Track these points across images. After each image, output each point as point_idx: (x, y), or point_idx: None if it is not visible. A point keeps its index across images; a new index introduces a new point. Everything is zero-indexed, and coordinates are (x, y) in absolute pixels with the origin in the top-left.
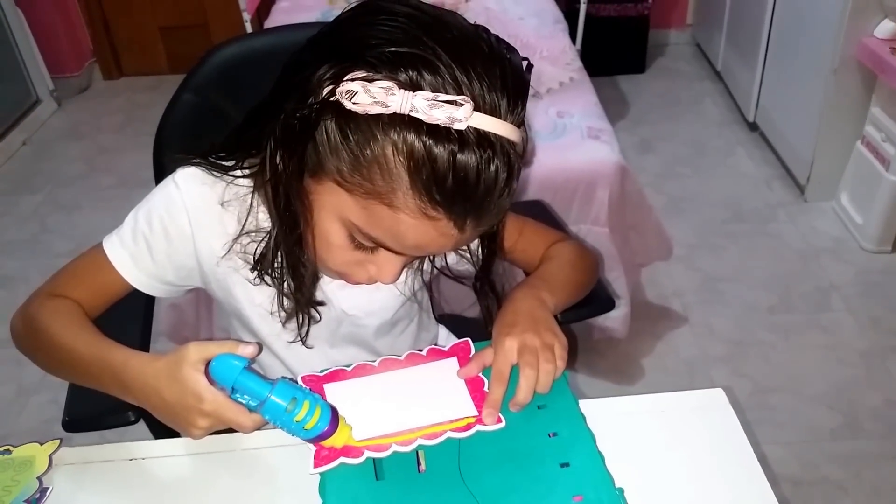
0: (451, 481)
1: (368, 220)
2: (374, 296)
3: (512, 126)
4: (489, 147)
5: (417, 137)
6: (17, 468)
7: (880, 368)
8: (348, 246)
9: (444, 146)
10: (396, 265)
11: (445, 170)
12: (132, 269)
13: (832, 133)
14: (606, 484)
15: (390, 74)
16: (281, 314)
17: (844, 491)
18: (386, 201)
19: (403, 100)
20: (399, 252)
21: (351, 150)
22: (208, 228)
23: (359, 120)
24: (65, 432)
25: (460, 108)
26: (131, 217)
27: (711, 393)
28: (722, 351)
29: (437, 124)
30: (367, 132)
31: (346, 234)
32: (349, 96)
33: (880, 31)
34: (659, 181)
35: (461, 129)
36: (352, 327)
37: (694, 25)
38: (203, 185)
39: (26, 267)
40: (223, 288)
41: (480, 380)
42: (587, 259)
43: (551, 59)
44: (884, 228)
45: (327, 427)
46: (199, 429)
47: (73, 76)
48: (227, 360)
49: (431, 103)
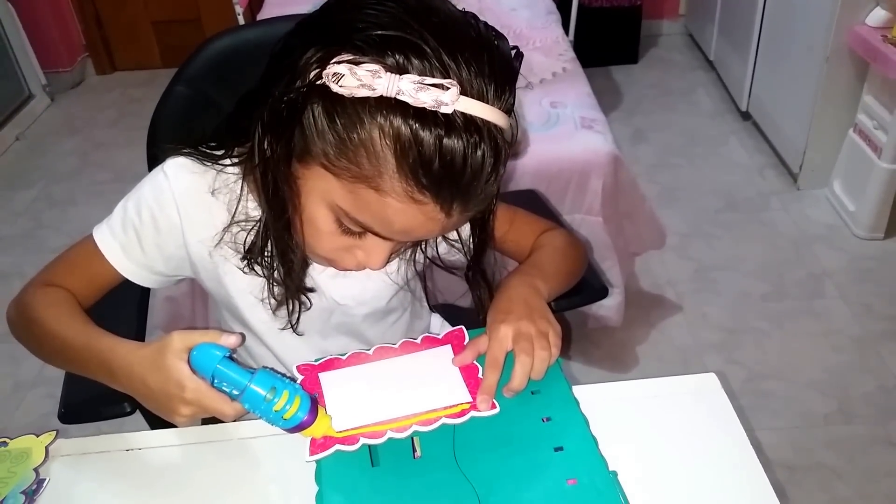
0: (447, 466)
1: (355, 205)
2: (365, 285)
3: (499, 112)
4: (476, 131)
5: (404, 121)
6: (14, 460)
7: (873, 354)
8: (336, 231)
9: (431, 130)
10: (384, 251)
11: (432, 153)
12: (122, 259)
13: (824, 121)
14: (600, 467)
15: (377, 58)
16: (271, 301)
17: (838, 476)
18: (373, 185)
19: (390, 83)
20: (386, 237)
21: (337, 134)
22: (197, 218)
23: (345, 103)
24: (60, 423)
25: (447, 91)
26: (121, 207)
27: (704, 378)
28: (716, 338)
29: (423, 108)
30: (354, 115)
31: (334, 219)
32: (336, 79)
33: (872, 19)
34: (652, 171)
35: (448, 113)
36: (343, 317)
37: (686, 15)
38: (192, 174)
39: (20, 262)
40: (213, 277)
41: (475, 367)
42: (577, 248)
43: (544, 49)
44: (876, 215)
45: (306, 417)
46: (182, 416)
47: (66, 71)
48: (207, 350)
49: (418, 86)
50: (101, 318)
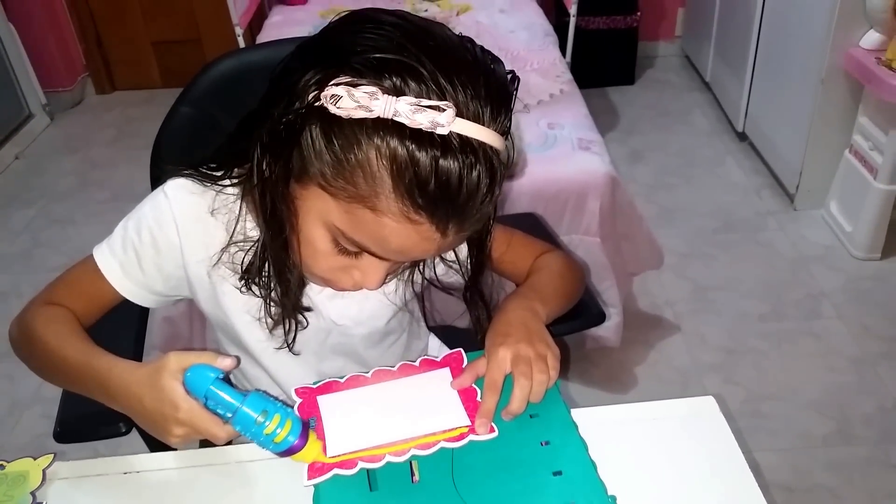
0: (445, 491)
1: (352, 225)
2: (363, 305)
3: (495, 133)
4: (472, 153)
5: (400, 142)
6: (11, 483)
7: (871, 375)
8: (333, 251)
9: (427, 151)
10: (381, 271)
11: (428, 174)
12: (121, 279)
13: (820, 142)
14: (599, 492)
15: (375, 80)
16: (268, 321)
17: (837, 497)
18: (369, 205)
19: (387, 104)
20: (383, 257)
21: (335, 154)
22: (196, 238)
23: (343, 124)
24: (57, 445)
25: (443, 112)
26: (121, 226)
27: (702, 400)
28: (714, 359)
29: (420, 129)
30: (351, 136)
31: (331, 239)
32: (333, 101)
33: (866, 41)
34: (649, 191)
35: (444, 134)
36: (341, 337)
37: (682, 37)
38: (192, 194)
39: (19, 282)
40: (210, 297)
41: (473, 390)
42: (575, 270)
43: (541, 71)
44: (873, 236)
45: (296, 441)
46: (176, 437)
47: (66, 90)
48: (201, 371)
49: (415, 108)
50: (99, 337)
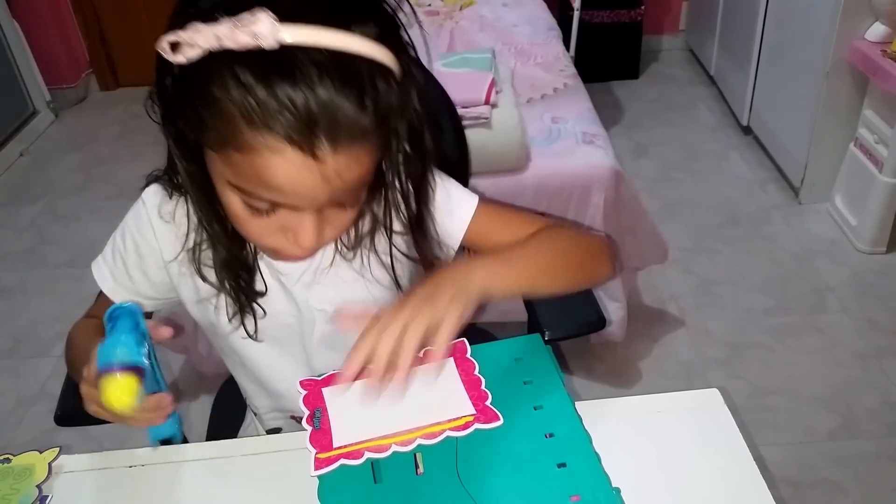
0: (449, 483)
1: (235, 173)
2: (340, 288)
3: (342, 33)
4: (311, 63)
5: (232, 69)
6: (17, 476)
7: (877, 369)
8: (248, 213)
9: (259, 69)
10: (306, 224)
11: (265, 95)
12: (113, 286)
13: (825, 135)
14: (603, 484)
15: (197, 21)
16: (228, 311)
17: (843, 492)
18: (235, 146)
19: (208, 34)
20: (283, 203)
21: (192, 107)
22: (170, 240)
23: (186, 74)
24: (63, 439)
25: (259, 22)
26: (112, 238)
27: (707, 393)
28: (719, 353)
29: (250, 50)
30: (195, 82)
31: (241, 200)
32: (169, 51)
33: (871, 33)
34: (654, 185)
35: (273, 48)
36: (326, 327)
37: (687, 31)
38: (164, 199)
39: (24, 278)
40: (192, 297)
41: (478, 379)
42: (581, 243)
43: (545, 65)
44: (878, 229)
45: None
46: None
47: (70, 87)
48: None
49: (233, 25)
50: None
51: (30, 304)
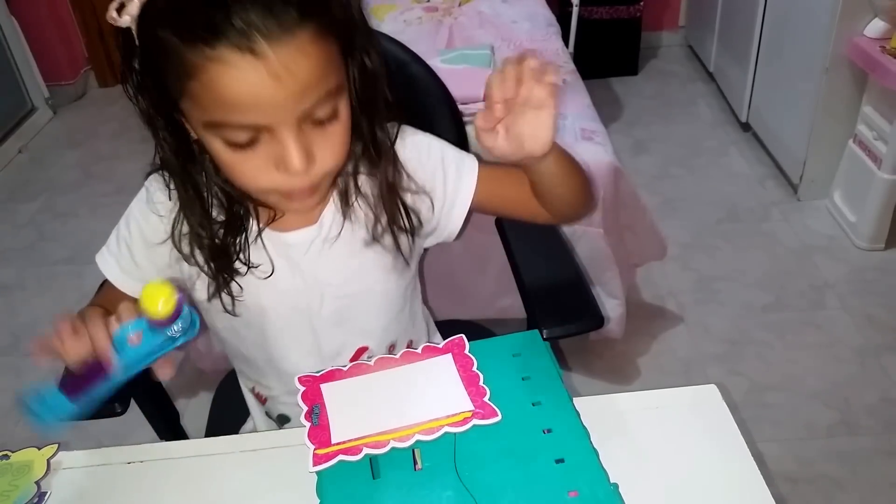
0: (448, 478)
1: (200, 107)
2: (349, 262)
3: None
4: None
5: (165, 6)
6: (15, 473)
7: (875, 365)
8: (234, 155)
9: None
10: (288, 146)
11: (195, 11)
12: (119, 274)
13: (824, 132)
14: (601, 479)
15: None
16: (210, 288)
17: (841, 488)
18: (188, 75)
19: None
20: (258, 126)
21: (151, 62)
22: (171, 226)
23: (139, 35)
24: (61, 435)
25: None
26: (116, 227)
27: (705, 389)
28: (718, 350)
29: None
30: (144, 38)
31: (223, 143)
32: (117, 17)
33: (870, 30)
34: (653, 182)
35: None
36: (336, 301)
37: (686, 27)
38: (165, 186)
39: (23, 275)
40: (190, 280)
41: (476, 374)
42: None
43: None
44: (877, 226)
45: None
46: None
47: (69, 84)
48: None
49: None
50: None
51: (29, 300)
